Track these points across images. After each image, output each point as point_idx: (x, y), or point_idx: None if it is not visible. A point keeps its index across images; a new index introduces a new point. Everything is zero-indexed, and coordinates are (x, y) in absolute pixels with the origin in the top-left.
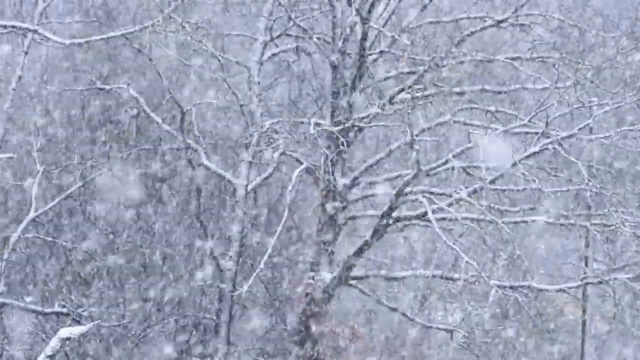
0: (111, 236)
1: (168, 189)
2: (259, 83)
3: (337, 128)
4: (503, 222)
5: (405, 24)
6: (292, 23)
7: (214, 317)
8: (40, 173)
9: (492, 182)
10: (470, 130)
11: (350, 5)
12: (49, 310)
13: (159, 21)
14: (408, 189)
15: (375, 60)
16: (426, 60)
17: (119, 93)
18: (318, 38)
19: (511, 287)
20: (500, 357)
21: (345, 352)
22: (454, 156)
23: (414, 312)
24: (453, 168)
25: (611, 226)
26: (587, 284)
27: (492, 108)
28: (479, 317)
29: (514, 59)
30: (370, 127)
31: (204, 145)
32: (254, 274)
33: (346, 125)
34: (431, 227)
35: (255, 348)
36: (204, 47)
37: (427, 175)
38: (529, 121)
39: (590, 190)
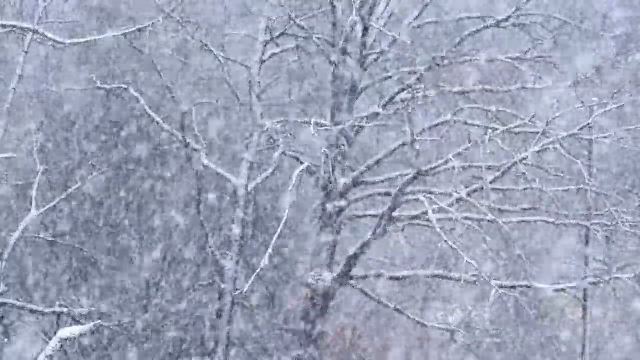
0: (111, 236)
1: (168, 189)
2: (259, 83)
3: (337, 128)
4: (503, 222)
5: (406, 24)
6: (292, 23)
7: (214, 317)
8: (40, 173)
9: (492, 182)
10: (470, 130)
11: (350, 5)
12: (49, 310)
13: (159, 21)
14: (408, 189)
15: (375, 60)
16: (426, 60)
17: (119, 93)
18: (318, 38)
19: (511, 287)
20: (500, 357)
21: (345, 352)
22: (453, 156)
23: (414, 312)
24: (453, 168)
25: (611, 226)
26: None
27: (492, 108)
28: (479, 317)
29: (514, 59)
30: (370, 127)
31: (204, 145)
32: (254, 274)
33: (346, 125)
34: (431, 226)
35: (255, 348)
36: (204, 46)
37: (427, 175)
38: (529, 121)
39: (591, 190)
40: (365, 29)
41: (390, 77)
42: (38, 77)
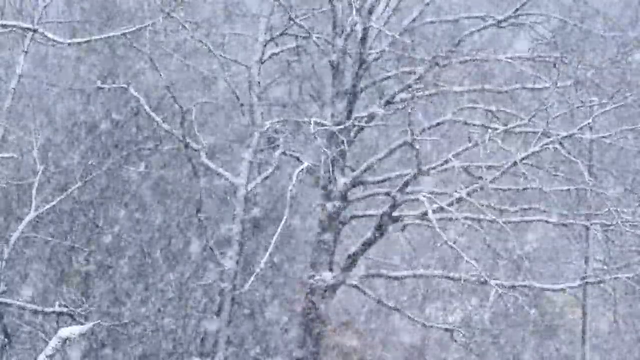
0: (111, 236)
1: (168, 189)
2: (259, 83)
3: (337, 128)
4: (503, 222)
5: (406, 24)
6: (292, 23)
7: (214, 317)
8: (40, 173)
9: (492, 181)
10: (470, 130)
11: (350, 5)
12: (49, 310)
13: (159, 20)
14: (408, 189)
15: (375, 60)
16: (426, 60)
17: (119, 92)
18: (318, 38)
19: (511, 287)
20: (500, 357)
21: (346, 352)
22: (454, 156)
23: (414, 312)
24: (453, 168)
25: (611, 226)
26: (587, 284)
27: (492, 108)
28: (479, 317)
29: (514, 59)
30: (370, 126)
31: (204, 145)
32: (254, 274)
33: (346, 125)
34: (431, 226)
35: (255, 348)
36: (204, 46)
37: (427, 175)
38: (529, 121)
39: (591, 190)
40: (365, 29)
41: (390, 77)
42: (38, 77)
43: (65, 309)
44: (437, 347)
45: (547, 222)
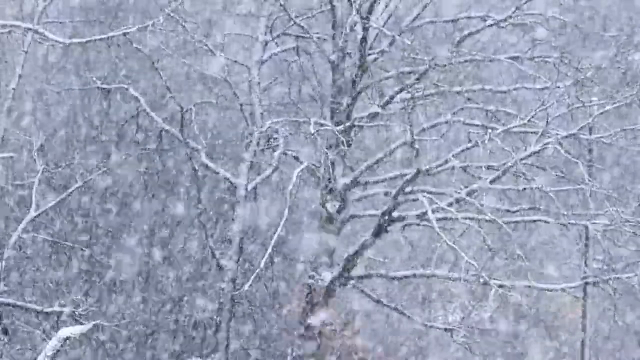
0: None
1: (168, 188)
2: (259, 83)
3: (337, 128)
4: (503, 222)
5: (406, 24)
6: (292, 23)
7: (214, 317)
8: (40, 173)
9: (492, 182)
10: (470, 130)
11: (350, 5)
12: (49, 310)
13: (159, 20)
14: (408, 189)
15: (375, 60)
16: (426, 60)
17: (119, 92)
18: (318, 38)
19: (511, 287)
20: (500, 357)
21: (345, 352)
22: (454, 156)
23: (414, 311)
24: (453, 168)
25: (611, 226)
26: (587, 284)
27: (492, 108)
28: (478, 317)
29: (514, 58)
30: (370, 126)
31: (204, 145)
32: (254, 274)
33: (346, 125)
34: (431, 226)
35: (255, 348)
36: (204, 46)
37: (427, 175)
38: (529, 121)
39: (591, 190)
40: (365, 29)
41: (390, 77)
42: (38, 77)
43: (65, 309)
44: (437, 347)
45: (547, 222)
